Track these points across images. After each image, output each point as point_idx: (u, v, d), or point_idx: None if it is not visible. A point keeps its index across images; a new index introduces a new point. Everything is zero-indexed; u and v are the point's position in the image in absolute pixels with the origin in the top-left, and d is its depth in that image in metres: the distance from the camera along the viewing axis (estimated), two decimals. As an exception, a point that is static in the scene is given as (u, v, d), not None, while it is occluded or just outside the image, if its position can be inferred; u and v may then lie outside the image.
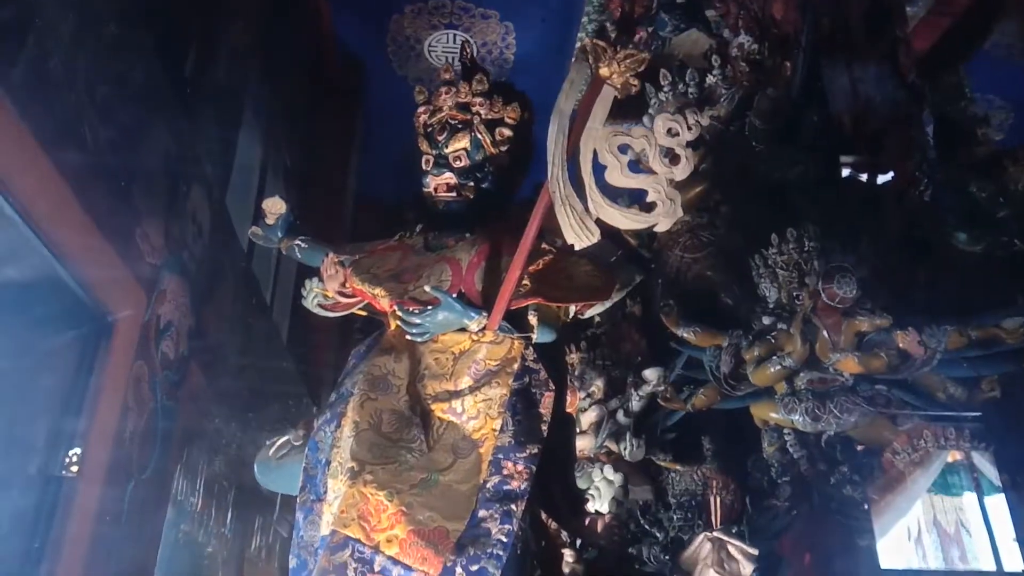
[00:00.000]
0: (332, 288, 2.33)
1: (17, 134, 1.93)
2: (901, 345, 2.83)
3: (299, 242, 2.43)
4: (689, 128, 1.96)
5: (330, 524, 1.78)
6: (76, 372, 2.55)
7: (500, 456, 1.84)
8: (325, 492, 1.90)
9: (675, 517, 2.92)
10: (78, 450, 2.52)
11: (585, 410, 3.90)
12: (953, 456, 3.87)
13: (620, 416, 3.81)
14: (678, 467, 3.41)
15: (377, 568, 1.69)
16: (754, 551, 2.21)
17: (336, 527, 1.74)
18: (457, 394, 1.95)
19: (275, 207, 2.46)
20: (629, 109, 2.15)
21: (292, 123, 4.93)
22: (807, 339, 2.95)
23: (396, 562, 1.69)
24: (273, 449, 2.13)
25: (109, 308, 2.61)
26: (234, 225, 3.83)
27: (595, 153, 2.00)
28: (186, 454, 3.48)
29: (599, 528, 2.27)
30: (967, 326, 2.76)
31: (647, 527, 3.03)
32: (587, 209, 1.97)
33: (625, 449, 3.51)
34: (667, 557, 2.84)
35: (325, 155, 5.33)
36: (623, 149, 2.02)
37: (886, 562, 3.46)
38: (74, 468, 2.58)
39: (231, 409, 3.87)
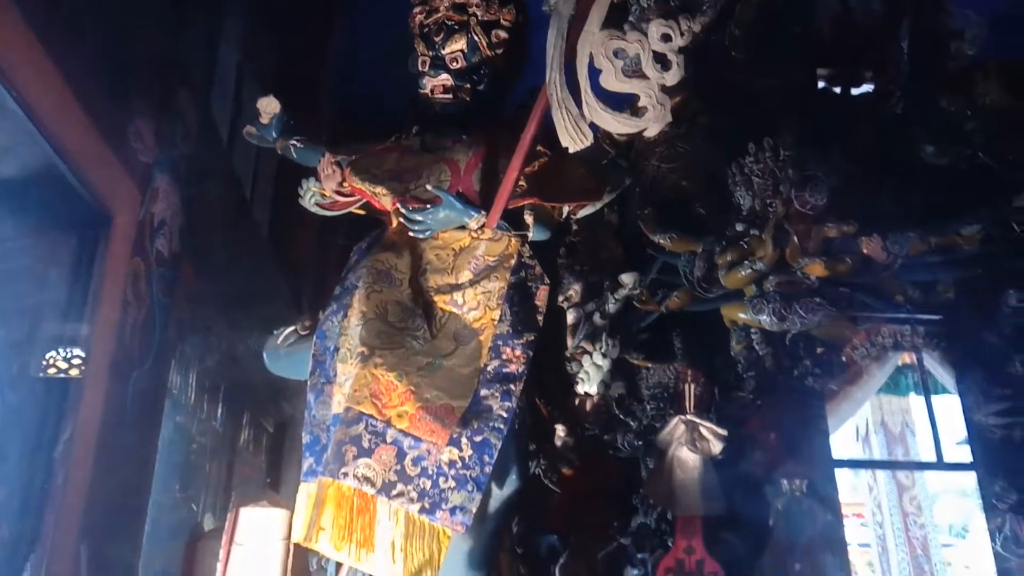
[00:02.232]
0: (329, 188, 2.41)
1: (21, 32, 1.95)
2: (865, 251, 3.03)
3: (294, 142, 2.49)
4: (682, 34, 2.05)
5: (343, 402, 1.95)
6: (79, 267, 2.63)
7: (499, 343, 2.01)
8: (335, 375, 2.06)
9: (648, 408, 3.15)
10: (85, 339, 2.64)
11: (563, 312, 4.10)
12: (903, 359, 4.20)
13: (596, 318, 4.01)
14: (650, 365, 3.65)
15: (389, 440, 1.87)
16: (723, 431, 2.45)
17: (350, 404, 1.91)
18: (458, 287, 2.10)
19: (269, 106, 2.50)
20: (618, 16, 2.22)
21: (270, 25, 4.83)
22: (778, 244, 3.14)
23: (407, 434, 1.87)
24: (281, 338, 2.27)
25: (107, 205, 2.67)
26: (217, 125, 3.83)
27: (591, 57, 2.08)
28: (179, 350, 3.62)
29: (588, 408, 2.49)
30: (928, 233, 2.96)
31: (621, 416, 3.27)
32: (582, 113, 2.07)
33: (601, 349, 3.73)
34: (640, 443, 3.09)
35: (302, 58, 5.25)
36: (618, 54, 2.11)
37: (837, 455, 3.80)
38: (80, 360, 2.71)
39: (219, 306, 3.99)
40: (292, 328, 2.28)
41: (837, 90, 3.27)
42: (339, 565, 2.12)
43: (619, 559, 2.91)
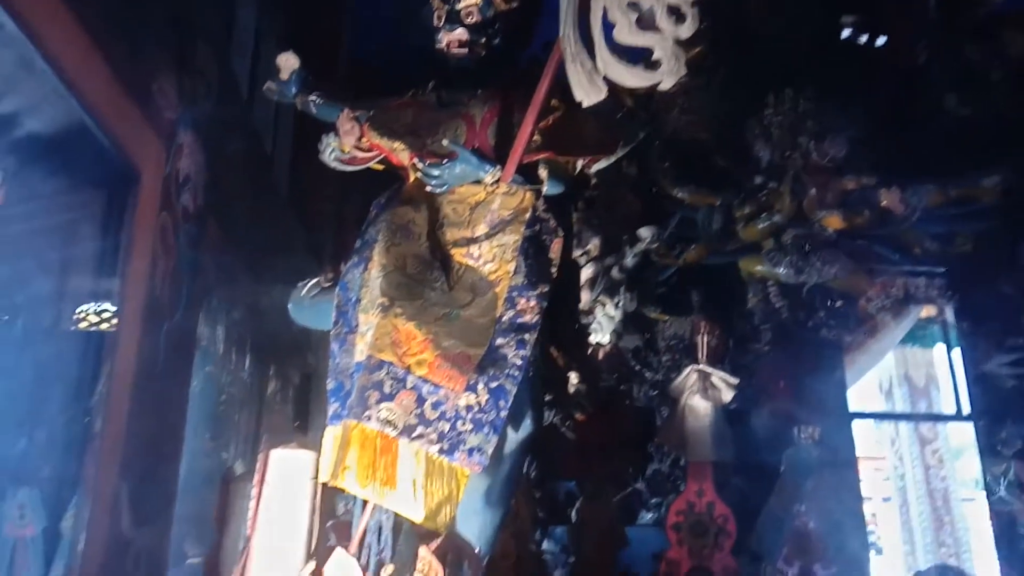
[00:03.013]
0: (348, 143, 2.49)
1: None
2: (884, 203, 3.07)
3: (313, 98, 2.55)
4: (697, -14, 2.06)
5: (366, 351, 2.05)
6: (109, 222, 2.75)
7: (514, 294, 2.09)
8: (357, 325, 2.17)
9: (664, 359, 3.25)
10: (118, 292, 2.77)
11: (582, 267, 4.18)
12: (927, 311, 4.22)
13: (614, 272, 4.09)
14: (667, 318, 3.73)
15: (409, 386, 1.98)
16: (735, 380, 2.53)
17: (372, 352, 2.02)
18: (474, 240, 2.18)
19: (289, 62, 2.56)
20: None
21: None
22: (796, 197, 3.18)
23: (426, 381, 1.98)
24: (305, 290, 2.38)
25: (135, 161, 2.76)
26: (237, 82, 3.90)
27: (604, 11, 2.11)
28: (207, 303, 3.76)
29: (600, 357, 2.58)
30: (948, 185, 2.98)
31: (638, 368, 3.38)
32: (596, 67, 2.10)
33: (618, 302, 3.82)
34: (655, 393, 3.19)
35: (320, 14, 5.28)
36: (632, 7, 2.13)
37: (854, 407, 3.87)
38: (111, 314, 2.85)
39: (243, 261, 4.11)
40: (316, 280, 2.39)
41: (860, 40, 3.25)
42: (365, 505, 2.26)
43: (634, 503, 3.05)
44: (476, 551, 1.89)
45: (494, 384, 1.98)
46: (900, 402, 7.56)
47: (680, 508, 2.46)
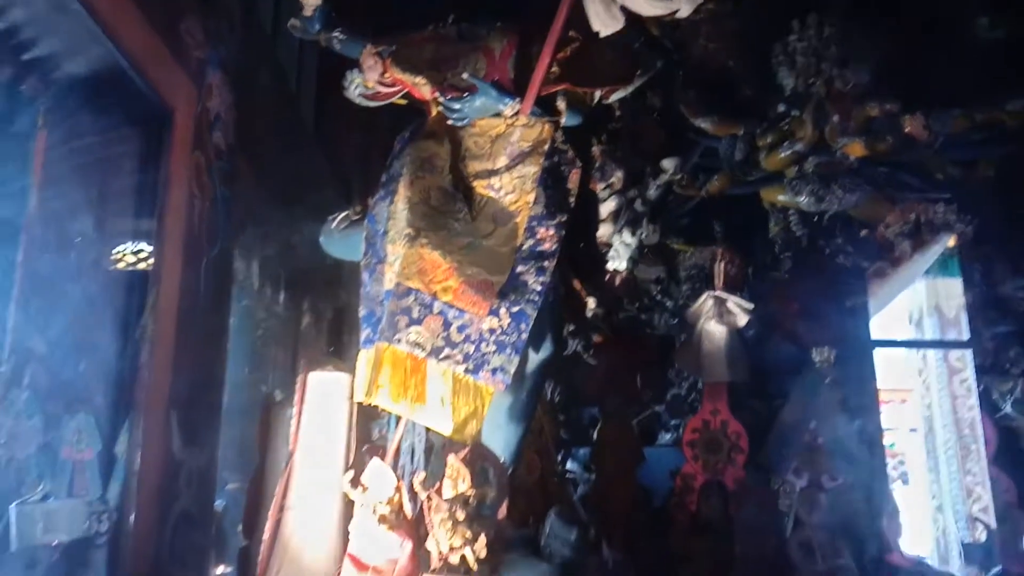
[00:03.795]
0: (372, 79, 2.57)
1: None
2: (908, 129, 3.07)
3: (337, 34, 2.63)
4: (713, -88, 2.08)
5: (394, 279, 2.19)
6: (147, 161, 2.88)
7: (534, 223, 2.20)
8: (385, 255, 2.30)
9: (684, 288, 3.34)
10: (158, 229, 2.93)
11: (605, 200, 4.24)
12: (954, 241, 4.22)
13: (638, 205, 4.15)
14: (689, 249, 3.81)
15: (436, 311, 2.11)
16: (749, 305, 2.62)
17: (400, 280, 2.15)
18: (495, 172, 2.28)
19: (311, -1, 2.63)
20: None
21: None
22: (818, 124, 3.20)
23: (451, 306, 2.11)
24: (335, 223, 2.51)
25: (167, 101, 2.87)
26: (261, 20, 3.95)
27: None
28: (241, 240, 3.91)
29: (617, 283, 2.69)
30: (973, 110, 2.97)
31: (658, 298, 3.48)
32: (613, -3, 2.15)
33: (642, 234, 3.89)
34: (675, 321, 3.30)
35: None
36: (649, -65, 2.16)
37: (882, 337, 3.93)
38: (147, 254, 3.01)
39: (274, 197, 4.24)
40: (345, 214, 2.51)
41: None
42: (398, 424, 2.43)
43: (653, 425, 3.20)
44: (500, 461, 2.04)
45: (515, 309, 2.10)
46: (929, 333, 7.57)
47: (695, 426, 2.60)
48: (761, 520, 2.31)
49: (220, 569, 4.26)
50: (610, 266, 2.64)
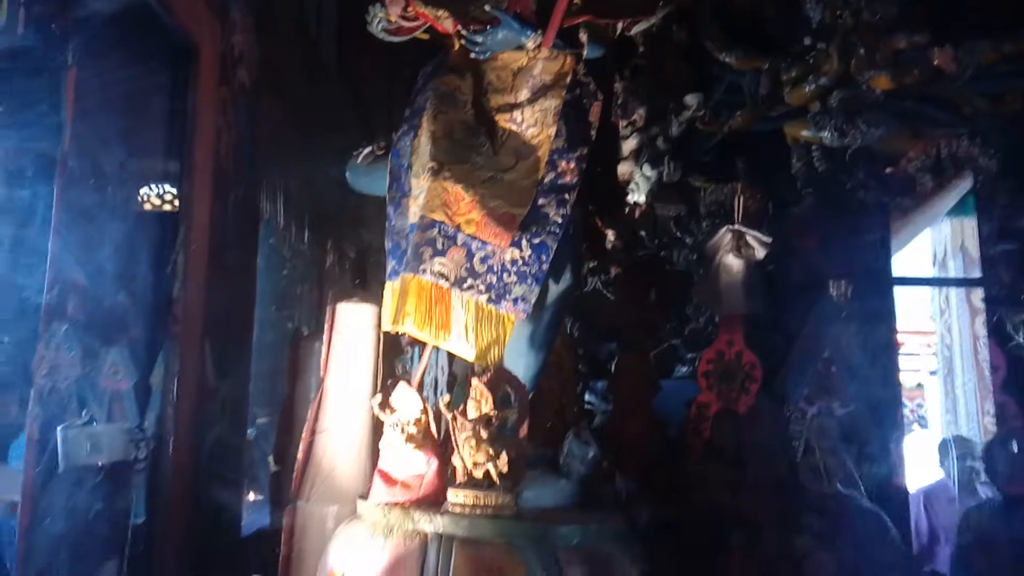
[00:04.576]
0: (395, 13, 2.59)
1: None
2: (936, 61, 3.04)
3: (359, -32, 2.64)
4: None
5: (419, 212, 2.26)
6: (174, 97, 2.96)
7: (555, 157, 2.25)
8: (410, 189, 2.37)
9: (704, 224, 3.39)
10: (188, 166, 3.02)
11: (627, 138, 4.25)
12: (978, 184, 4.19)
13: (660, 142, 4.16)
14: (710, 185, 3.83)
15: (459, 243, 2.19)
16: (768, 239, 2.67)
17: (424, 212, 2.22)
18: (517, 106, 2.32)
19: (333, -68, 2.63)
20: None
21: None
22: (844, 57, 3.17)
23: (474, 238, 2.18)
24: (360, 158, 2.58)
25: (193, 37, 2.93)
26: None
27: None
28: (266, 178, 4.00)
29: (637, 215, 2.74)
30: (1002, 41, 2.93)
31: (678, 235, 3.53)
32: (635, -75, 2.15)
33: (664, 172, 3.91)
34: (695, 257, 3.36)
35: None
36: None
37: (898, 272, 3.95)
38: (172, 195, 3.11)
39: (297, 135, 4.31)
40: (369, 148, 2.58)
41: None
42: (423, 355, 2.55)
43: (670, 358, 3.29)
44: (522, 385, 2.15)
45: (536, 240, 2.18)
46: (954, 273, 7.55)
47: (710, 357, 2.68)
48: (773, 445, 2.42)
49: (251, 496, 4.49)
50: (630, 199, 2.69)
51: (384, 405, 2.19)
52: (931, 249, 7.29)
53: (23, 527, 2.98)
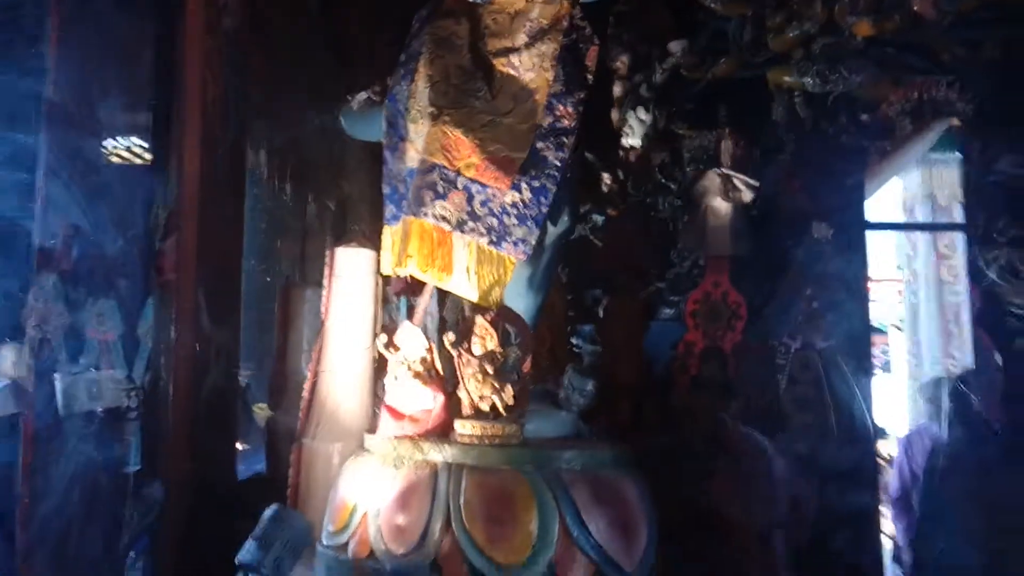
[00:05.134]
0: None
1: None
2: (916, 8, 3.13)
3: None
4: None
5: (418, 156, 2.31)
6: (161, 44, 2.94)
7: (553, 101, 2.30)
8: (407, 134, 2.41)
9: (688, 170, 3.47)
10: (179, 115, 3.02)
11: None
12: (954, 122, 4.32)
13: (643, 90, 4.21)
14: (693, 133, 3.90)
15: (460, 186, 2.25)
16: (755, 182, 2.77)
17: (424, 156, 2.28)
18: (514, 50, 2.36)
19: None
20: None
21: None
22: (827, 3, 3.24)
23: (474, 181, 2.25)
24: (355, 103, 2.61)
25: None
26: None
27: None
28: (251, 127, 3.98)
29: (631, 159, 2.81)
30: (983, -13, 3.02)
31: (663, 181, 3.62)
32: None
33: (647, 119, 3.97)
34: (679, 203, 3.45)
35: None
36: None
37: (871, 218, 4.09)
38: (143, 148, 3.11)
39: (280, 84, 4.28)
40: (364, 94, 2.60)
41: None
42: (410, 312, 2.63)
43: (655, 301, 3.41)
44: (523, 323, 2.24)
45: (536, 183, 2.25)
46: (922, 219, 7.78)
47: (697, 298, 2.80)
48: (757, 378, 2.56)
49: (240, 446, 4.56)
50: (625, 142, 2.76)
51: (389, 344, 2.27)
52: (900, 197, 7.50)
53: (25, 475, 3.04)
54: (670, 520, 2.08)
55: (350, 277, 2.63)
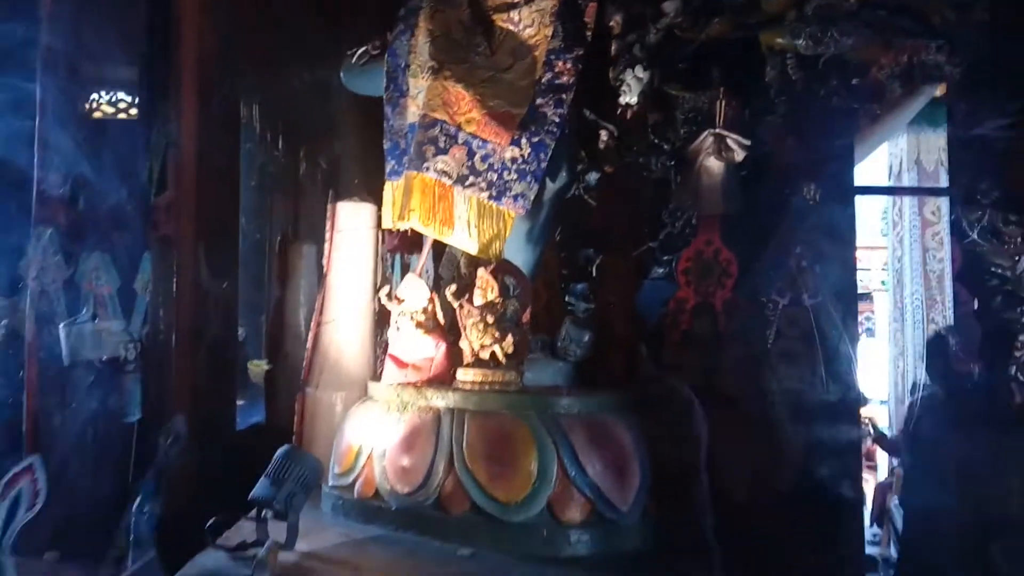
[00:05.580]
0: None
1: None
2: (908, -30, 3.17)
3: None
4: None
5: (419, 111, 2.36)
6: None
7: (552, 57, 2.35)
8: (407, 89, 2.45)
9: (682, 131, 3.52)
10: (175, 71, 3.03)
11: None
12: (942, 90, 4.40)
13: (636, 50, 4.23)
14: (687, 94, 3.95)
15: (461, 141, 2.31)
16: (747, 142, 2.84)
17: (426, 111, 2.32)
18: (514, 6, 2.39)
19: None
20: None
21: None
22: (822, -37, 3.27)
23: (475, 136, 2.30)
24: (355, 58, 2.63)
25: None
26: None
27: None
28: (244, 82, 3.99)
29: (628, 116, 2.86)
30: (975, -51, 3.06)
31: (656, 141, 3.67)
32: None
33: (644, 78, 4.00)
34: (672, 163, 3.51)
35: None
36: None
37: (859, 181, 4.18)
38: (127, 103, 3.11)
39: (272, 41, 4.27)
40: (364, 49, 2.63)
41: None
42: (404, 269, 2.70)
43: (647, 259, 3.49)
44: (523, 275, 2.32)
45: (535, 139, 2.30)
46: (907, 184, 7.89)
47: (690, 255, 2.89)
48: (746, 333, 2.66)
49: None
50: (622, 100, 2.81)
51: (391, 296, 2.34)
52: (887, 163, 7.61)
53: (30, 426, 3.11)
54: (659, 465, 2.19)
55: (351, 231, 2.68)
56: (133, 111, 3.56)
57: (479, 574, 1.84)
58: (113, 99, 3.50)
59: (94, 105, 3.50)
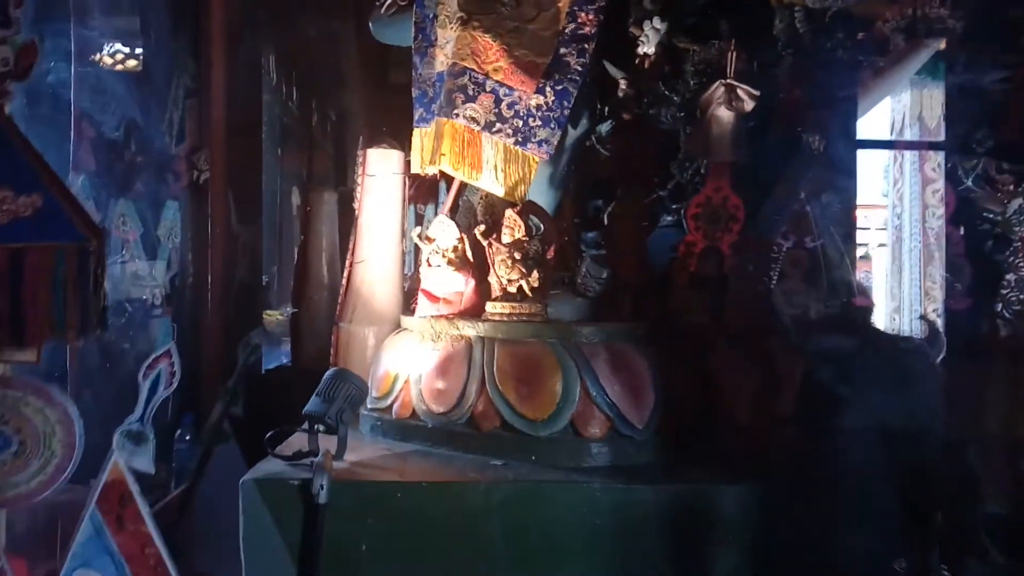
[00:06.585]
0: None
1: None
2: (916, -79, 3.29)
3: None
4: None
5: (448, 60, 2.52)
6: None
7: (575, 8, 2.51)
8: (436, 39, 2.61)
9: (692, 83, 3.68)
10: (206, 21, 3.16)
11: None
12: (944, 45, 4.53)
13: (646, 2, 4.35)
14: (696, 47, 4.08)
15: (488, 89, 2.48)
16: (757, 92, 3.00)
17: (455, 60, 2.49)
18: (538, -41, 2.54)
19: None
20: None
21: None
22: (831, -83, 3.39)
23: (502, 84, 2.47)
24: (384, 8, 2.78)
25: None
26: None
27: None
28: (263, 34, 4.13)
29: (646, 65, 3.03)
30: (978, -95, 3.18)
31: (666, 93, 3.82)
32: None
33: (662, 28, 4.13)
34: (681, 114, 3.67)
35: None
36: None
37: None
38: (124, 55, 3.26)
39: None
40: (392, 0, 2.77)
41: None
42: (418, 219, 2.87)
43: (657, 208, 3.68)
44: (547, 216, 2.51)
45: (559, 87, 2.48)
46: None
47: (699, 202, 3.07)
48: (751, 274, 2.86)
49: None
50: (640, 50, 2.96)
51: (423, 236, 2.54)
52: (889, 118, 7.74)
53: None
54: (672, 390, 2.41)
55: (381, 175, 2.86)
56: (155, 57, 3.70)
57: (514, 477, 2.08)
58: (130, 47, 3.64)
59: (120, 58, 3.64)
